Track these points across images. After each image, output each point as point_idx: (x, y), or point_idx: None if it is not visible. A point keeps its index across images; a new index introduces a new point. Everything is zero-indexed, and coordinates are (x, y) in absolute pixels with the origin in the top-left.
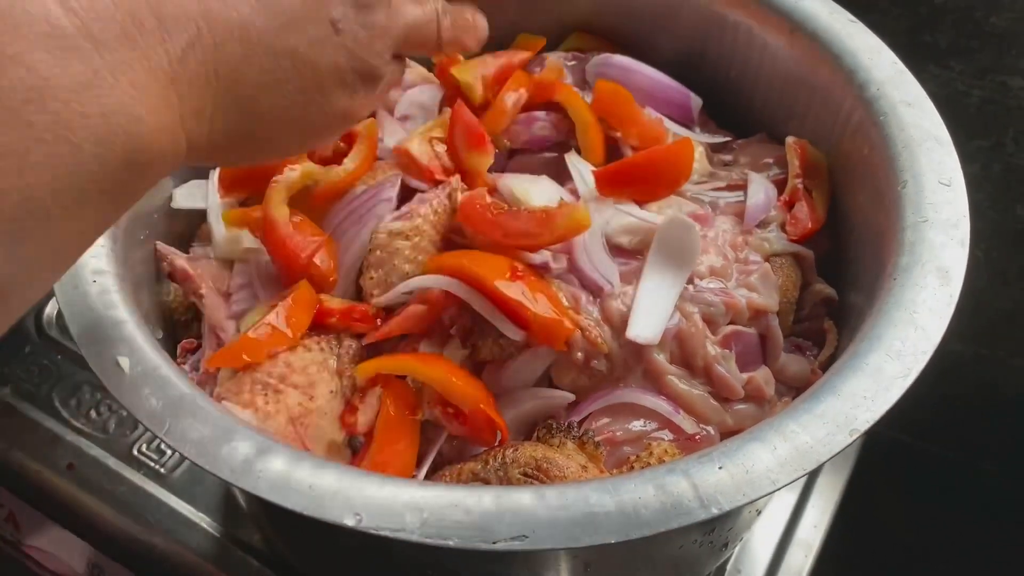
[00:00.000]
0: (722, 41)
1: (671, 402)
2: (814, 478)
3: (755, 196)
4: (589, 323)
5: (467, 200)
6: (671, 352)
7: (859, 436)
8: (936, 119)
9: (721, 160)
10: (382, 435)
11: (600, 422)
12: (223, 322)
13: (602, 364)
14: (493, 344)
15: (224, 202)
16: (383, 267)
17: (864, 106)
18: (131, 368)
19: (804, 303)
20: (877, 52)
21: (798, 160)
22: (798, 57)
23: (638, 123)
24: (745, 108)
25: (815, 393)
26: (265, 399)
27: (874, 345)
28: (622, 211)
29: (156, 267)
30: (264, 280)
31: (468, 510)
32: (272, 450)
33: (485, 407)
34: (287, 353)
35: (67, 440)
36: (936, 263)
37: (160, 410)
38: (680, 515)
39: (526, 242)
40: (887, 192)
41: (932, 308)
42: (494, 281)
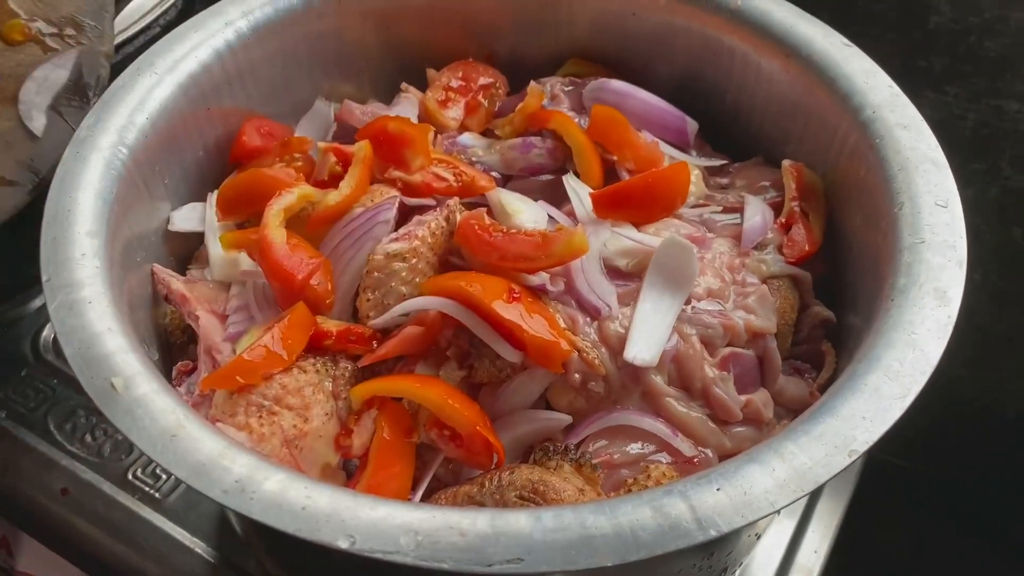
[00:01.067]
0: (718, 66)
1: (669, 424)
2: (814, 503)
3: (752, 218)
4: (586, 345)
5: (465, 221)
6: (669, 374)
7: (858, 457)
8: (932, 141)
9: (718, 183)
10: (377, 458)
11: (597, 444)
12: (219, 344)
13: (599, 386)
14: (490, 365)
15: (222, 224)
16: (380, 289)
17: (860, 129)
18: (125, 390)
19: (802, 325)
20: (872, 75)
21: (794, 183)
22: (794, 81)
23: (634, 147)
24: (741, 132)
25: (813, 414)
26: (260, 421)
27: (872, 366)
28: (619, 234)
29: (153, 289)
30: (261, 302)
31: (463, 532)
32: (265, 472)
33: (482, 430)
34: (282, 375)
35: (62, 465)
36: (934, 284)
37: (154, 432)
38: (678, 537)
39: (524, 265)
40: (884, 214)
41: (930, 329)
42: (491, 302)
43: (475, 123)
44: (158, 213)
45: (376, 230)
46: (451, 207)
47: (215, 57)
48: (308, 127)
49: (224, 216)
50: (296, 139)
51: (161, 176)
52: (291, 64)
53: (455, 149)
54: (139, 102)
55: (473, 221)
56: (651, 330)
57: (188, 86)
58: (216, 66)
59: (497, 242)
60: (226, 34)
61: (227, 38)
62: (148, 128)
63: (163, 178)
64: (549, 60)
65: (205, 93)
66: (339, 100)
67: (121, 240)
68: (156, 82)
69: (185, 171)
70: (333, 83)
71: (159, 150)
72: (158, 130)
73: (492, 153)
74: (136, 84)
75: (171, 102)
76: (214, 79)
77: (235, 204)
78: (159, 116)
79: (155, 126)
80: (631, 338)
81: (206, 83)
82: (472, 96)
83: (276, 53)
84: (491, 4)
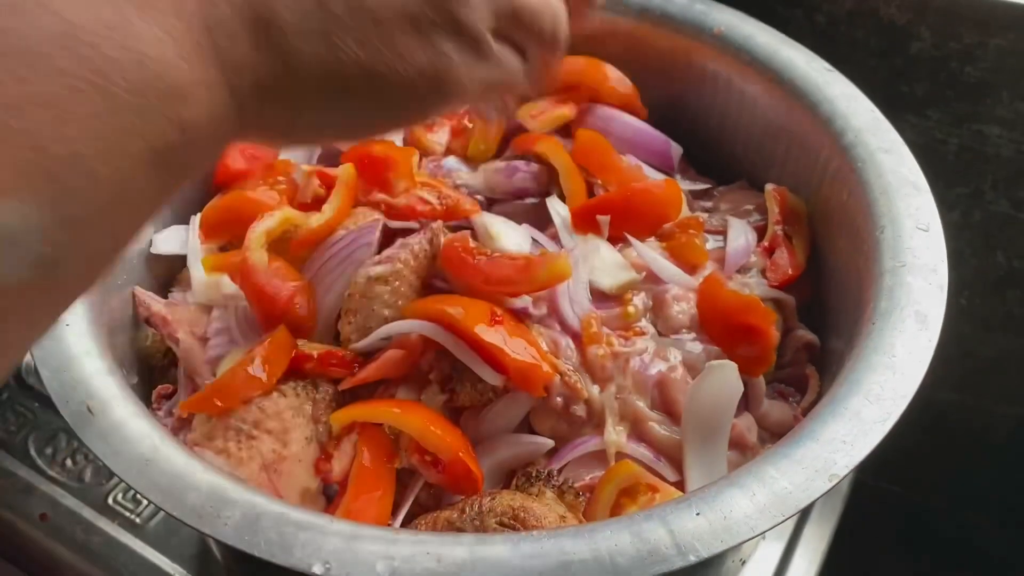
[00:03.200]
0: (702, 91)
1: (652, 448)
2: (800, 528)
3: (735, 241)
4: (568, 368)
5: (449, 244)
6: (652, 398)
7: (839, 481)
8: (913, 165)
9: (702, 207)
10: (357, 483)
11: (580, 470)
12: (199, 367)
13: (582, 410)
14: (471, 389)
15: (204, 247)
16: (362, 312)
17: (842, 153)
18: (101, 414)
19: (786, 349)
20: (854, 100)
21: (778, 207)
22: (776, 106)
23: (616, 170)
24: (726, 156)
25: (794, 438)
26: (238, 445)
27: (853, 389)
28: (606, 252)
29: (134, 312)
30: (242, 325)
31: (440, 559)
32: (240, 496)
33: (464, 456)
34: (262, 399)
35: (41, 489)
36: (915, 307)
37: (129, 456)
38: (657, 562)
39: (507, 289)
40: (866, 238)
41: (911, 352)
42: (473, 326)
43: (460, 147)
44: (140, 235)
45: (359, 253)
46: (435, 230)
47: None
48: (292, 150)
49: (207, 239)
50: (280, 162)
51: None
52: None
53: (440, 172)
54: None
55: (457, 244)
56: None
57: None
58: None
59: (481, 265)
60: None
61: None
62: None
63: None
64: None
65: None
66: None
67: None
68: None
69: None
70: None
71: None
72: None
73: (476, 176)
74: None
75: None
76: None
77: (218, 227)
78: None
79: None
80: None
81: None
82: (458, 120)
83: None
84: None
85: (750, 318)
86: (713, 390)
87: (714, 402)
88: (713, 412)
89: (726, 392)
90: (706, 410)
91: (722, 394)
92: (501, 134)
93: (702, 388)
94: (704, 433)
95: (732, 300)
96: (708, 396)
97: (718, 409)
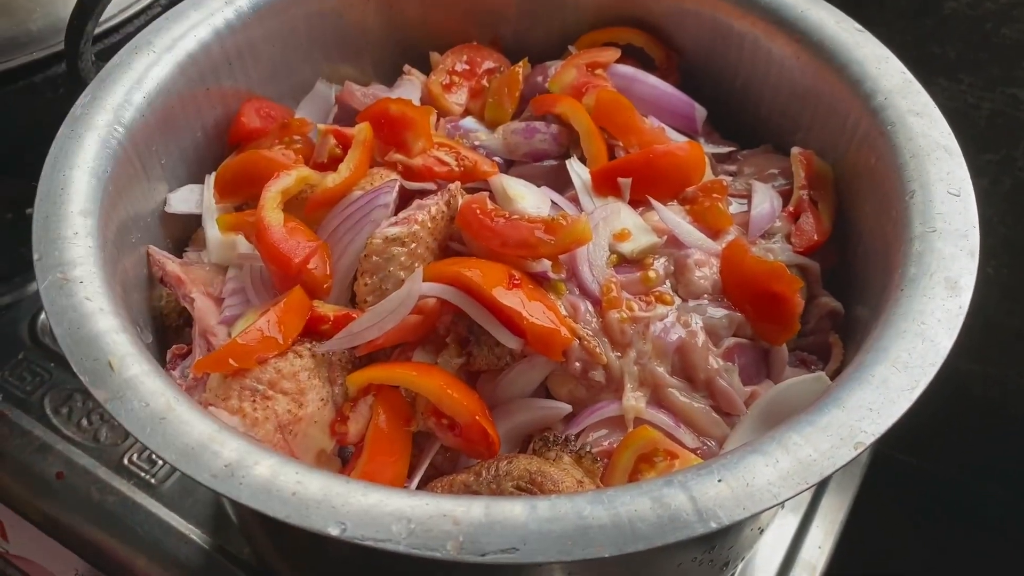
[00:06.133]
0: (727, 51)
1: (671, 415)
2: (818, 498)
3: (760, 206)
4: (587, 333)
5: (467, 206)
6: (672, 364)
7: (864, 450)
8: (945, 129)
9: (725, 170)
10: (373, 445)
11: (598, 435)
12: (214, 327)
13: (600, 375)
14: (489, 353)
15: (219, 207)
16: (378, 273)
17: (871, 116)
18: (116, 373)
19: (809, 316)
20: (885, 61)
21: (804, 171)
22: (804, 67)
23: (638, 132)
24: (751, 119)
25: (819, 405)
26: (253, 405)
27: (880, 357)
28: (627, 216)
29: (148, 271)
30: (258, 285)
31: (457, 520)
32: (256, 456)
33: (480, 419)
34: (277, 359)
35: (57, 449)
36: (945, 274)
37: (143, 414)
38: (677, 529)
39: (526, 252)
40: (894, 203)
41: (940, 319)
42: (491, 289)
43: (478, 108)
44: (155, 194)
45: (375, 214)
46: (452, 191)
47: (214, 36)
48: (308, 109)
49: (222, 198)
50: (296, 121)
51: (158, 156)
52: (291, 45)
53: (457, 133)
54: (136, 81)
55: (475, 205)
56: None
57: (186, 65)
58: (215, 45)
59: (499, 228)
60: (226, 13)
61: (227, 17)
62: (145, 107)
63: (160, 159)
64: (555, 44)
65: (204, 73)
66: (340, 82)
67: (116, 220)
68: (154, 61)
69: (183, 152)
70: (334, 65)
71: (156, 130)
72: (155, 110)
73: (495, 138)
74: (133, 63)
75: (169, 81)
76: (213, 59)
77: (233, 186)
78: (156, 95)
79: (152, 106)
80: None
81: (205, 63)
82: (476, 80)
83: (276, 33)
84: None
85: (775, 285)
86: (799, 395)
87: (792, 405)
88: (784, 410)
89: (806, 400)
90: (780, 406)
91: (802, 400)
92: (519, 94)
93: (792, 389)
94: (765, 422)
95: (756, 266)
96: (791, 397)
97: (789, 409)
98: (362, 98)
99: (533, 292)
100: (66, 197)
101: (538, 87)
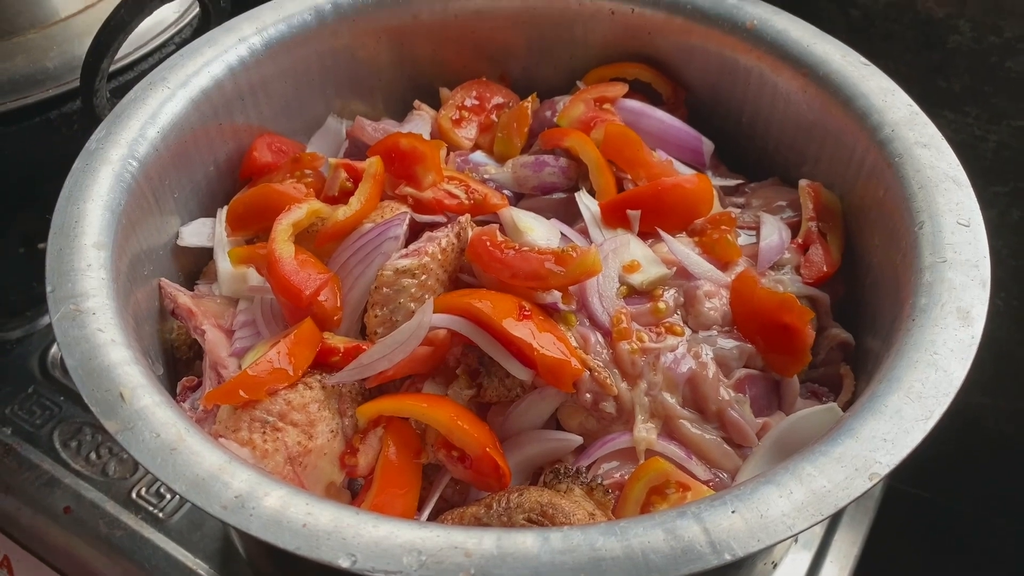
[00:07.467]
0: (734, 86)
1: (683, 447)
2: (832, 533)
3: (768, 237)
4: (598, 364)
5: (477, 238)
6: (683, 395)
7: (879, 481)
8: (953, 160)
9: (733, 203)
10: (383, 477)
11: (609, 467)
12: (224, 359)
13: (611, 406)
14: (499, 384)
15: (231, 240)
16: (388, 305)
17: (878, 148)
18: (127, 404)
19: (820, 348)
20: (891, 94)
21: (812, 203)
22: (811, 100)
23: (646, 165)
24: (758, 152)
25: (832, 436)
26: (263, 437)
27: (893, 387)
28: (636, 248)
29: (160, 304)
30: (268, 317)
31: (468, 552)
32: (266, 488)
33: (491, 451)
34: (287, 391)
35: (65, 483)
36: (956, 303)
37: (153, 445)
38: (691, 561)
39: (536, 283)
40: (904, 233)
41: (953, 349)
42: (501, 320)
43: (488, 142)
44: (167, 227)
45: (386, 246)
46: (462, 224)
47: (228, 73)
48: (320, 144)
49: (234, 231)
50: (307, 155)
51: (171, 190)
52: (304, 81)
53: (467, 167)
54: (151, 116)
55: (485, 237)
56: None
57: (200, 101)
58: (229, 82)
59: (509, 259)
60: (239, 50)
61: (240, 54)
62: (159, 142)
63: (173, 192)
64: (562, 80)
65: (217, 109)
66: (351, 118)
67: (129, 253)
68: (168, 96)
69: (195, 186)
70: (345, 101)
71: (170, 165)
72: (169, 144)
73: (504, 171)
74: (148, 98)
75: (183, 117)
76: (226, 95)
77: (245, 219)
78: (170, 130)
79: (166, 140)
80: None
81: (218, 99)
82: (486, 115)
83: (289, 70)
84: (504, 25)
85: (786, 316)
86: (810, 427)
87: (805, 436)
88: (797, 441)
89: (818, 431)
90: (793, 438)
91: (815, 432)
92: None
93: (804, 420)
94: (778, 454)
95: (767, 298)
96: (803, 429)
97: (802, 441)
98: (373, 133)
99: (543, 323)
100: (80, 230)
101: (546, 122)
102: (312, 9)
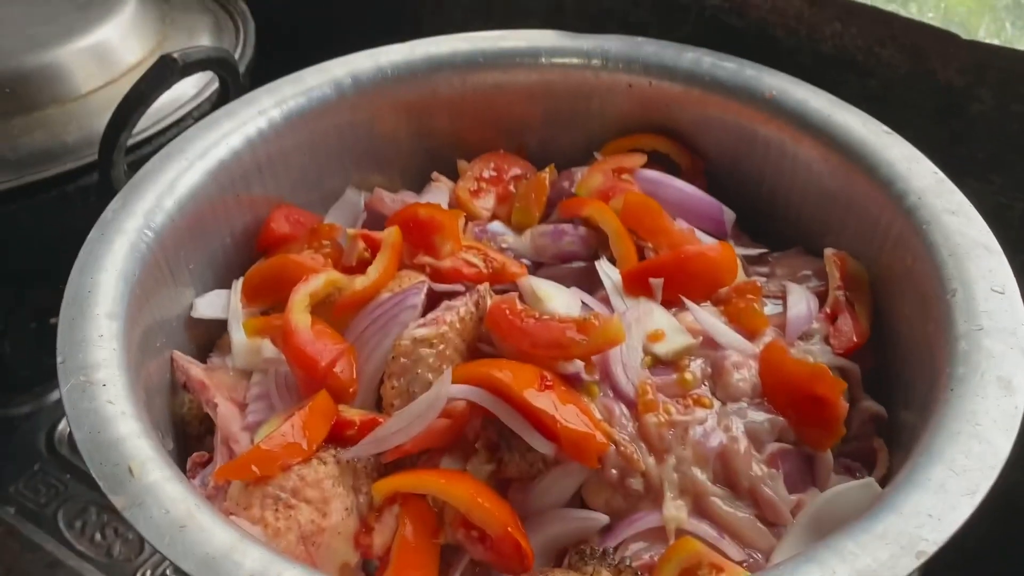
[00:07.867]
0: (753, 156)
1: (715, 525)
2: None
3: (796, 306)
4: (623, 438)
5: (496, 306)
6: (714, 471)
7: (926, 560)
8: (982, 226)
9: (757, 272)
10: (399, 558)
11: (637, 547)
12: (237, 433)
13: (638, 483)
14: (520, 459)
15: (246, 311)
16: (405, 375)
17: (904, 216)
18: (136, 478)
19: (852, 421)
20: (915, 161)
21: (838, 272)
22: (833, 169)
23: (667, 233)
24: (780, 221)
25: (874, 512)
26: (276, 515)
27: (934, 459)
28: (660, 316)
29: (172, 376)
30: (282, 390)
31: None
32: (279, 567)
33: (513, 531)
34: (301, 466)
35: (68, 565)
36: (996, 372)
37: (162, 522)
38: None
39: (557, 353)
40: (935, 302)
41: (996, 420)
42: (522, 391)
43: (506, 212)
44: (181, 299)
45: (403, 315)
46: (481, 293)
47: (247, 144)
48: (338, 215)
49: (249, 303)
50: (325, 226)
51: (186, 261)
52: (322, 153)
53: (485, 236)
54: (167, 187)
55: (504, 306)
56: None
57: (218, 172)
58: (247, 153)
59: (529, 328)
60: (259, 122)
61: (259, 126)
62: (175, 213)
63: (188, 263)
64: (580, 151)
65: (235, 180)
66: (369, 190)
67: (142, 324)
68: (186, 167)
69: (211, 257)
70: (364, 173)
71: (185, 235)
72: (185, 215)
73: (522, 240)
74: (165, 169)
75: (200, 188)
76: (244, 166)
77: (261, 290)
78: (187, 201)
79: (182, 211)
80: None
81: (236, 170)
82: (503, 186)
83: (307, 142)
84: (521, 98)
85: (818, 388)
86: (847, 503)
87: (841, 514)
88: (833, 519)
89: (856, 508)
90: (829, 515)
91: (852, 509)
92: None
93: (840, 497)
94: (814, 533)
95: (798, 369)
96: (840, 505)
97: (839, 519)
98: (391, 204)
99: (566, 394)
100: (93, 300)
101: (564, 192)
102: (332, 83)
